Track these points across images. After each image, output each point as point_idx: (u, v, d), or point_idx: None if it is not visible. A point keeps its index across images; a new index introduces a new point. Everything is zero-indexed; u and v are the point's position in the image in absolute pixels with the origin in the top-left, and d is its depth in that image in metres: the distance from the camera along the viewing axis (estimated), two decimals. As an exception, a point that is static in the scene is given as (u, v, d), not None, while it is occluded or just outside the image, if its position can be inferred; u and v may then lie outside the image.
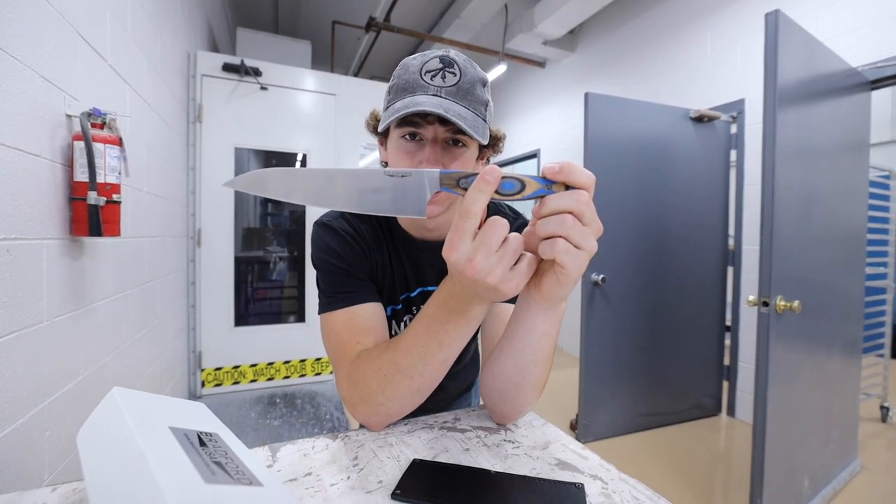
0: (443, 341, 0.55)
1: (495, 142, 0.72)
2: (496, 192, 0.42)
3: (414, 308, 0.81)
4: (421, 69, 0.62)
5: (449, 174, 0.44)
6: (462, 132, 0.61)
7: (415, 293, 0.80)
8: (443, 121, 0.61)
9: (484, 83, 0.65)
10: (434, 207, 0.65)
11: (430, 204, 0.62)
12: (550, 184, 0.43)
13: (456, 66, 0.62)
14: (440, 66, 0.62)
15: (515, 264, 0.44)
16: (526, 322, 0.54)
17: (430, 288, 0.80)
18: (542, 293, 0.49)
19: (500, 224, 0.42)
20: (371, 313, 0.70)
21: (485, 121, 0.65)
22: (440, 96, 0.60)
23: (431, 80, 0.61)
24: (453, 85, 0.61)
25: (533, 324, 0.53)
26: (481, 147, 0.70)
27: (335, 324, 0.69)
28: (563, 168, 0.42)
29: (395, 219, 0.78)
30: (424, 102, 0.58)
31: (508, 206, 0.85)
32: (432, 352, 0.56)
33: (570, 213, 0.42)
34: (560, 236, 0.42)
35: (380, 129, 0.68)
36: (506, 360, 0.58)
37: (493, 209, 0.82)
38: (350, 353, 0.66)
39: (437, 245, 0.78)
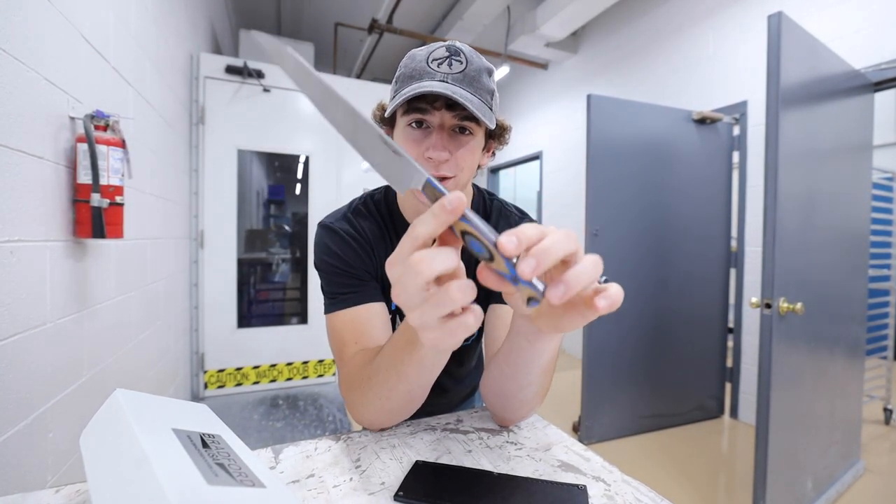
0: (401, 373, 0.53)
1: (501, 132, 0.72)
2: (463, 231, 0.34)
3: None
4: (427, 57, 0.63)
5: (433, 187, 0.37)
6: (469, 118, 0.62)
7: None
8: (449, 107, 0.61)
9: (490, 72, 0.66)
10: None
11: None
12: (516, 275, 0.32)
13: (462, 55, 0.62)
14: (447, 54, 0.62)
15: (458, 314, 0.35)
16: (534, 351, 0.50)
17: None
18: (561, 328, 0.41)
19: (435, 259, 0.33)
20: (372, 314, 0.70)
21: (491, 109, 0.65)
22: (447, 82, 0.60)
23: (438, 67, 0.62)
24: (460, 72, 0.61)
25: (542, 349, 0.50)
26: (487, 139, 0.71)
27: (337, 324, 0.70)
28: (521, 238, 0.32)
29: (399, 213, 0.78)
30: (431, 86, 0.59)
31: (515, 206, 0.84)
32: (394, 383, 0.54)
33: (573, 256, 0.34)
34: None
35: (387, 114, 0.68)
36: (508, 381, 0.57)
37: (498, 207, 0.82)
38: (349, 355, 0.66)
39: None
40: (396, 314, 0.81)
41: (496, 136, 0.71)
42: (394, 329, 0.80)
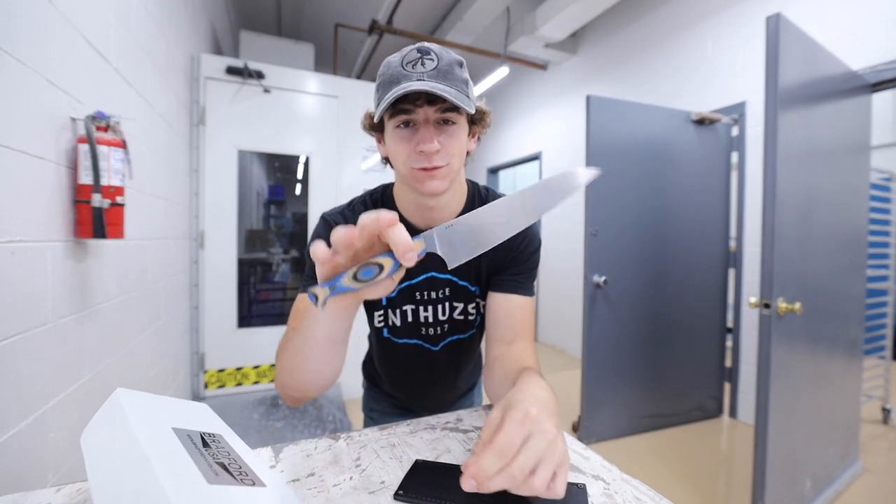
0: (297, 329, 0.62)
1: (482, 116, 0.76)
2: (356, 279, 0.46)
3: (417, 294, 0.83)
4: (402, 61, 0.67)
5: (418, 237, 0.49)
6: (450, 109, 0.66)
7: (416, 280, 0.82)
8: (430, 102, 0.65)
9: (461, 64, 0.70)
10: (437, 183, 0.68)
11: (431, 180, 0.67)
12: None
13: (433, 53, 0.66)
14: (418, 55, 0.66)
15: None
16: None
17: (434, 274, 0.81)
18: None
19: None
20: None
21: (468, 97, 0.69)
22: (423, 80, 0.64)
23: (413, 68, 0.66)
24: (433, 69, 0.65)
25: None
26: (471, 126, 0.75)
27: (296, 304, 0.77)
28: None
29: (397, 210, 0.81)
30: (411, 86, 0.63)
31: (486, 188, 0.86)
32: (289, 336, 0.67)
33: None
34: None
35: (375, 118, 0.71)
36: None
37: (494, 198, 0.83)
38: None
39: None
40: (389, 307, 0.84)
41: (478, 120, 0.76)
42: (388, 322, 0.85)
